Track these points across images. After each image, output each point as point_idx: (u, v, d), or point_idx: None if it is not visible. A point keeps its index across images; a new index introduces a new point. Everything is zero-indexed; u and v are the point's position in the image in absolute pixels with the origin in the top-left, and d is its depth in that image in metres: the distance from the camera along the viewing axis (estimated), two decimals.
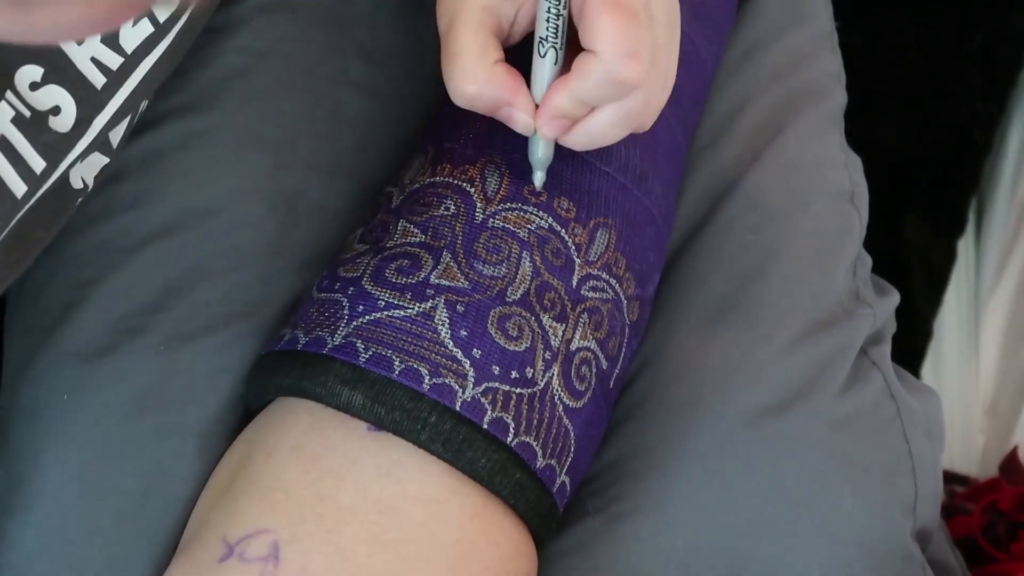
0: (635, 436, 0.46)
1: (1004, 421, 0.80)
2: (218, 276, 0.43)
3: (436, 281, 0.40)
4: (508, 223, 0.41)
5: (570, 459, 0.41)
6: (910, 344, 0.77)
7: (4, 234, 0.34)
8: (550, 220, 0.42)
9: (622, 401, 0.47)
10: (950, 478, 0.77)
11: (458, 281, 0.40)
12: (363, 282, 0.40)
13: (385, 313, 0.39)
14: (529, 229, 0.41)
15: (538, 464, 0.39)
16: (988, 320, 0.82)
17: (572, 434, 0.40)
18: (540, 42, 0.39)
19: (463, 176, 0.42)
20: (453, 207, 0.42)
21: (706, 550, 0.43)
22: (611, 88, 0.36)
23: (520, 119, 0.39)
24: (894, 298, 0.52)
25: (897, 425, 0.46)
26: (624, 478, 0.45)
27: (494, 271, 0.40)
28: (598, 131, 0.39)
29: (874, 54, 0.79)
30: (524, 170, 0.42)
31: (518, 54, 0.40)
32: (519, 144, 0.43)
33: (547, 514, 0.40)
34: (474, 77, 0.38)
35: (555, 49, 0.39)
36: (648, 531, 0.44)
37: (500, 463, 0.38)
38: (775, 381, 0.45)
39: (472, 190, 0.42)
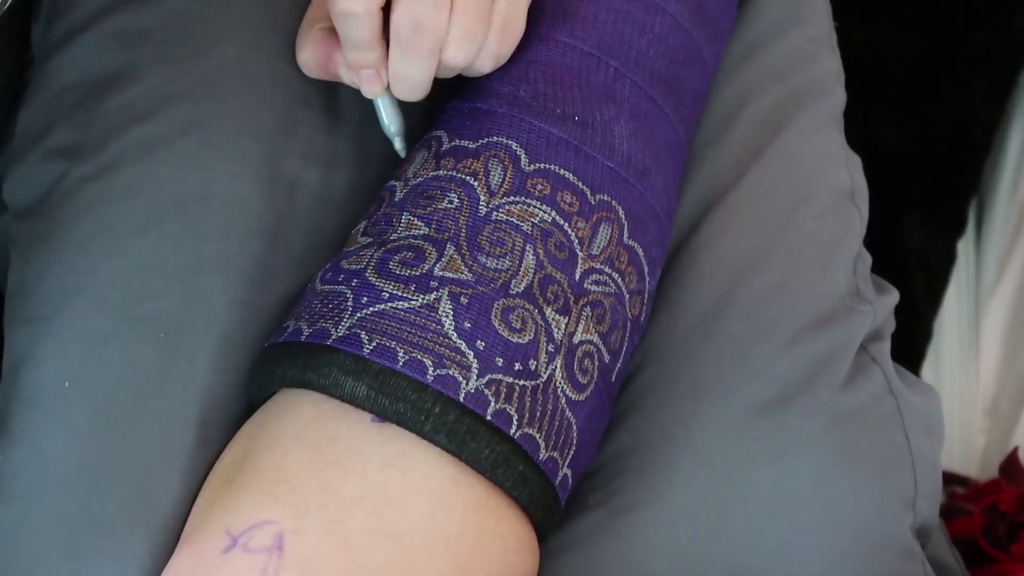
0: (636, 430, 0.46)
1: (1004, 422, 0.80)
2: (218, 264, 0.43)
3: (440, 273, 0.40)
4: (512, 216, 0.41)
5: (572, 452, 0.41)
6: (910, 345, 0.77)
7: None
8: (553, 214, 0.42)
9: (623, 395, 0.47)
10: (950, 479, 0.77)
11: (462, 273, 0.40)
12: (367, 274, 0.40)
13: (389, 305, 0.39)
14: (532, 222, 0.41)
15: (541, 456, 0.39)
16: (988, 321, 0.82)
17: (575, 427, 0.41)
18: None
19: (467, 169, 0.42)
20: (457, 200, 0.42)
21: (707, 544, 0.44)
22: (341, 23, 0.40)
23: (343, 74, 0.44)
24: (893, 296, 0.52)
25: (897, 421, 0.47)
26: (625, 472, 0.45)
27: (498, 264, 0.40)
28: (399, 72, 0.42)
29: (873, 54, 0.79)
30: (525, 164, 0.42)
31: None
32: (522, 136, 0.43)
33: (549, 507, 0.40)
34: (301, 46, 0.44)
35: None
36: (649, 525, 0.44)
37: (503, 455, 0.38)
38: (776, 376, 0.46)
39: (476, 183, 0.42)
